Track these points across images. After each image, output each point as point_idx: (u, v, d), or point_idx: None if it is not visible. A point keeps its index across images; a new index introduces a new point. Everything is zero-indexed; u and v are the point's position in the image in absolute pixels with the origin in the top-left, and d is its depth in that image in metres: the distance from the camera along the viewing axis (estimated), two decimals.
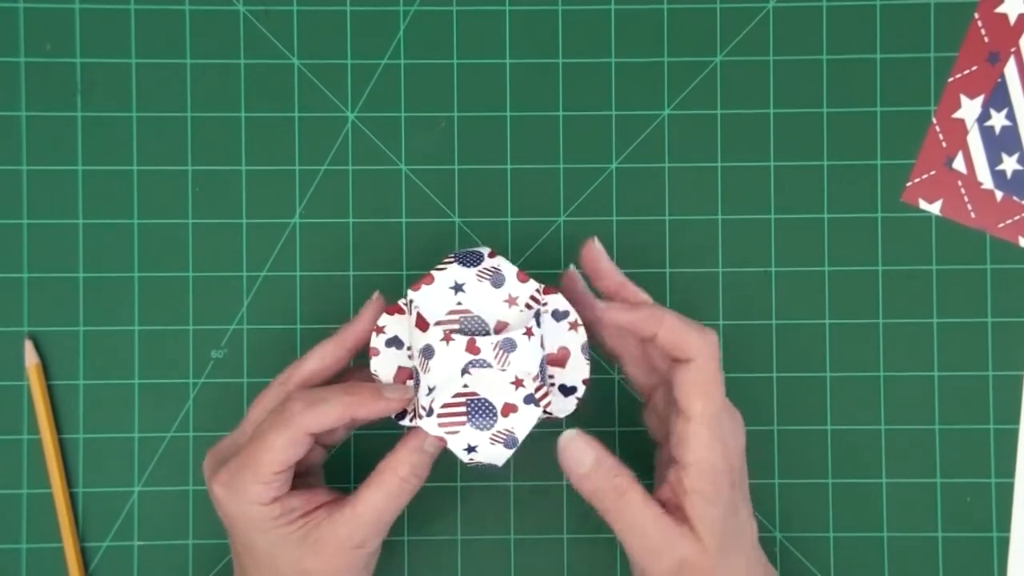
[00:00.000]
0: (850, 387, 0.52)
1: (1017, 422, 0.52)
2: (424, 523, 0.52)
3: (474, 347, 0.41)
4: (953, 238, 0.52)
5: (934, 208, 0.52)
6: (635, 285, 0.45)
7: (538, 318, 0.43)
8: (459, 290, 0.43)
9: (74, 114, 0.52)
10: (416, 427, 0.42)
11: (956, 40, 0.52)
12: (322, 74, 0.52)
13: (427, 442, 0.42)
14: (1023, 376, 0.52)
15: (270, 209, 0.52)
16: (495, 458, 0.42)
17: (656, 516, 0.42)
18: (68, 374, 0.51)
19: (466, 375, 0.42)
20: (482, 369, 0.42)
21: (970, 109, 0.52)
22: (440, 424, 0.42)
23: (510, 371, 0.42)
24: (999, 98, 0.52)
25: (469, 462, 0.43)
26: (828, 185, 0.52)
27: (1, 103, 0.52)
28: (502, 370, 0.42)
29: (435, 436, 0.42)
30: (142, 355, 0.52)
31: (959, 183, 0.52)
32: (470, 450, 0.42)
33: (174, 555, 0.51)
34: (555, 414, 0.43)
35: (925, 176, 0.52)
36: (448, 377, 0.42)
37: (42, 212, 0.52)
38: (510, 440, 0.42)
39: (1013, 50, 0.52)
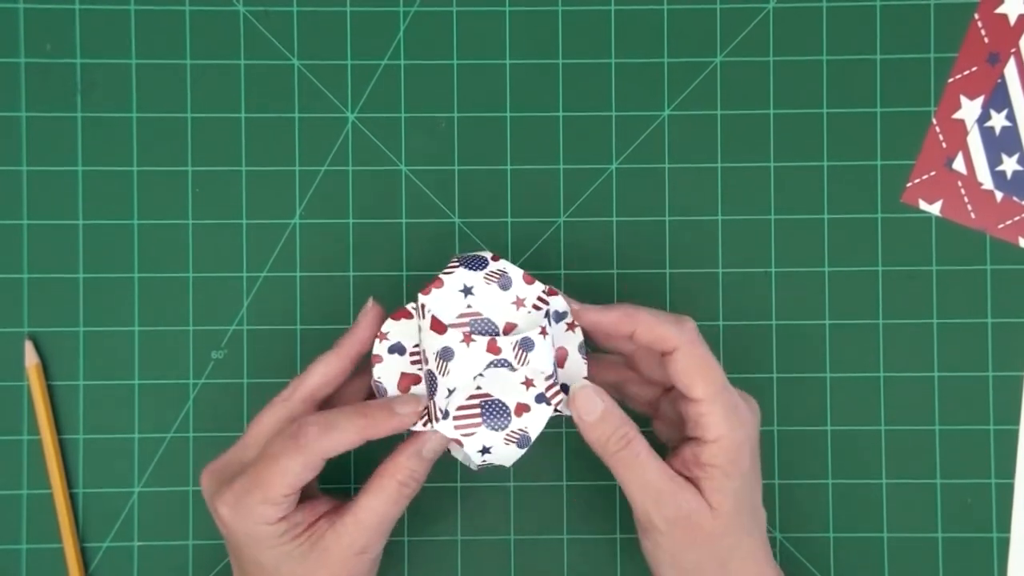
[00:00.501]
0: (850, 387, 0.52)
1: (1017, 422, 0.52)
2: (424, 523, 0.52)
3: (495, 347, 0.42)
4: (953, 239, 0.52)
5: (934, 209, 0.52)
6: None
7: (549, 318, 0.43)
8: (468, 293, 0.43)
9: (74, 114, 0.52)
10: (415, 432, 0.42)
11: (956, 40, 0.52)
12: (322, 74, 0.52)
13: (426, 448, 0.42)
14: (1023, 376, 0.52)
15: (270, 209, 0.52)
16: (506, 459, 0.43)
17: (660, 466, 0.42)
18: (68, 374, 0.51)
19: (479, 376, 0.42)
20: (496, 369, 0.42)
21: (970, 110, 0.52)
22: (456, 427, 0.42)
23: (523, 371, 0.42)
24: (999, 99, 0.52)
25: (480, 465, 0.43)
26: (828, 185, 0.52)
27: (1, 103, 0.52)
28: (520, 369, 0.42)
29: (451, 439, 0.42)
30: (142, 355, 0.52)
31: (959, 184, 0.52)
32: (484, 451, 0.42)
33: (174, 555, 0.51)
34: (562, 411, 0.43)
35: (925, 177, 0.52)
36: (470, 377, 0.42)
37: (42, 212, 0.52)
38: (523, 439, 0.42)
39: (1013, 51, 0.52)
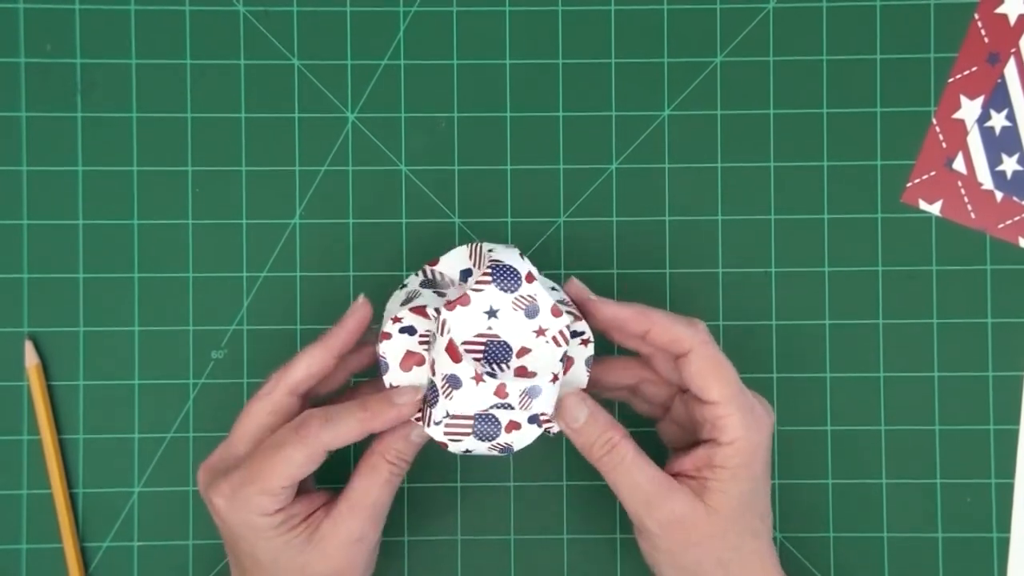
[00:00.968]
0: (850, 387, 0.52)
1: (1017, 422, 0.52)
2: (424, 523, 0.52)
3: (503, 392, 0.41)
4: (953, 239, 0.52)
5: (934, 209, 0.52)
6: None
7: (563, 360, 0.42)
8: (493, 315, 0.42)
9: (74, 114, 0.52)
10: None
11: (956, 40, 0.52)
12: (322, 74, 0.52)
13: (414, 432, 0.43)
14: (1023, 376, 0.52)
15: (270, 209, 0.52)
16: (488, 455, 0.43)
17: (646, 469, 0.43)
18: (68, 374, 0.51)
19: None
20: (499, 410, 0.42)
21: (970, 110, 0.52)
22: (446, 433, 0.42)
23: (524, 413, 0.42)
24: (999, 99, 0.52)
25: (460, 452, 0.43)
26: (828, 185, 0.52)
27: (1, 103, 0.52)
28: (520, 411, 0.42)
29: (438, 440, 0.42)
30: (142, 355, 0.52)
31: (959, 184, 0.52)
32: (467, 452, 0.43)
33: (174, 555, 0.51)
34: (551, 431, 0.44)
35: (925, 176, 0.52)
36: (471, 411, 0.42)
37: (42, 212, 0.52)
38: (507, 450, 0.43)
39: (1013, 51, 0.52)
